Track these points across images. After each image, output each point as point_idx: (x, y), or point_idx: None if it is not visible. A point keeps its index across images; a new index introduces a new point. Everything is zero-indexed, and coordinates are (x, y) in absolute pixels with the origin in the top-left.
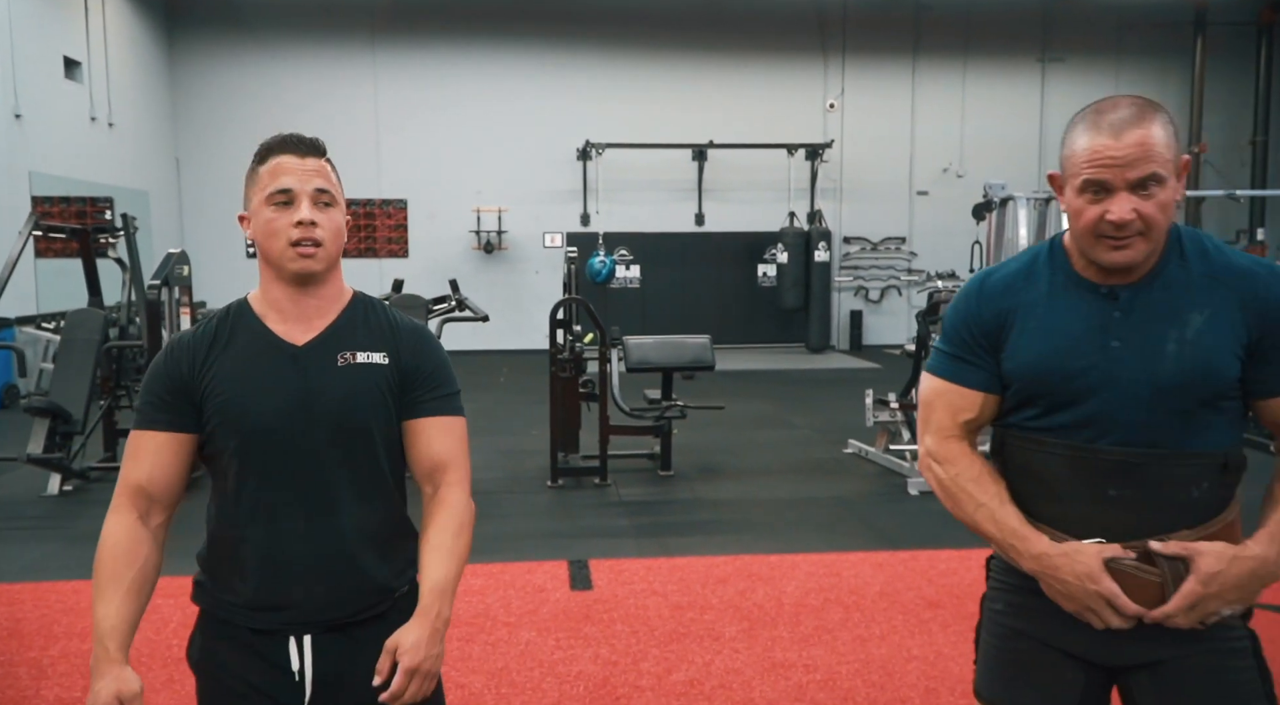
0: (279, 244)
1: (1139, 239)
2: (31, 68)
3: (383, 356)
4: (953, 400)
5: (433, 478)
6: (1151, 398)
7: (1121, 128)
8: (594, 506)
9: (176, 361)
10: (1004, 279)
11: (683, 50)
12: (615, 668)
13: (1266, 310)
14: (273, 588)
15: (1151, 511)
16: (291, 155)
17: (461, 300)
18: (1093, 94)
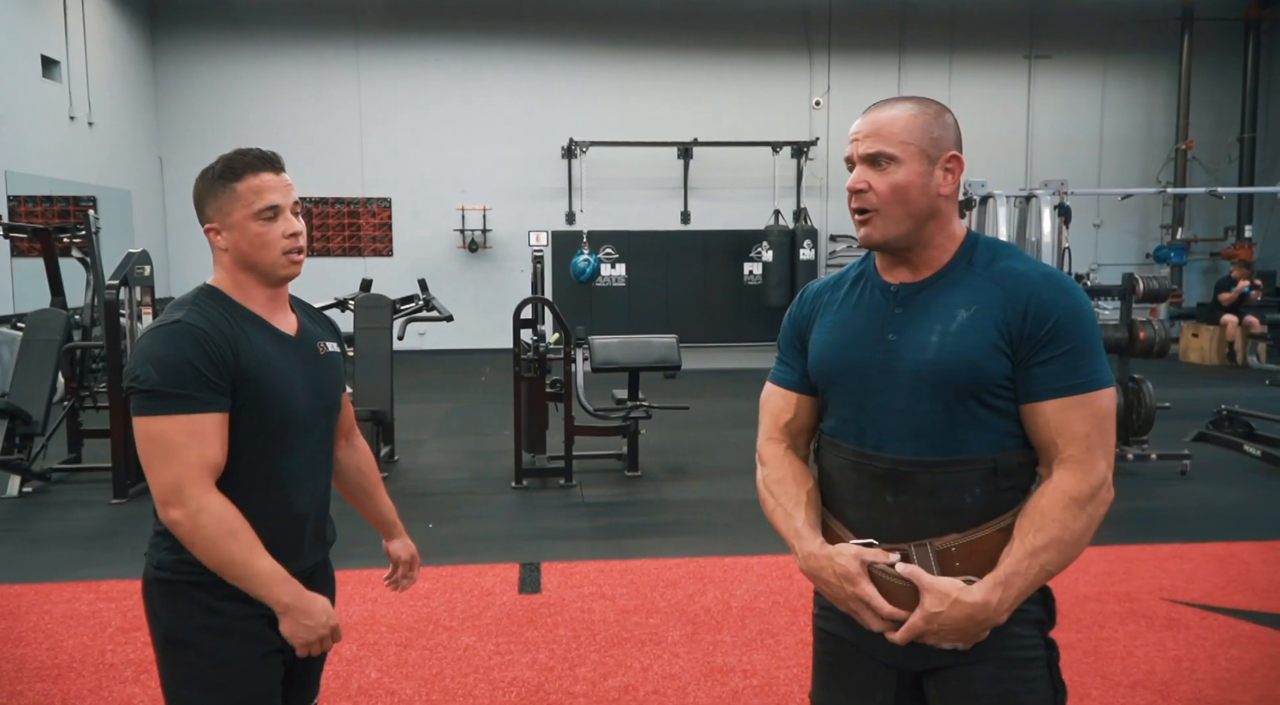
0: (272, 254)
1: (876, 216)
2: (7, 66)
3: (336, 346)
4: (775, 402)
5: (348, 435)
6: (915, 387)
7: (872, 110)
8: (556, 508)
9: (218, 347)
10: (821, 285)
11: (668, 48)
12: (551, 673)
13: (1028, 311)
14: (281, 543)
15: (926, 516)
16: (268, 172)
17: (428, 300)
18: (1080, 91)
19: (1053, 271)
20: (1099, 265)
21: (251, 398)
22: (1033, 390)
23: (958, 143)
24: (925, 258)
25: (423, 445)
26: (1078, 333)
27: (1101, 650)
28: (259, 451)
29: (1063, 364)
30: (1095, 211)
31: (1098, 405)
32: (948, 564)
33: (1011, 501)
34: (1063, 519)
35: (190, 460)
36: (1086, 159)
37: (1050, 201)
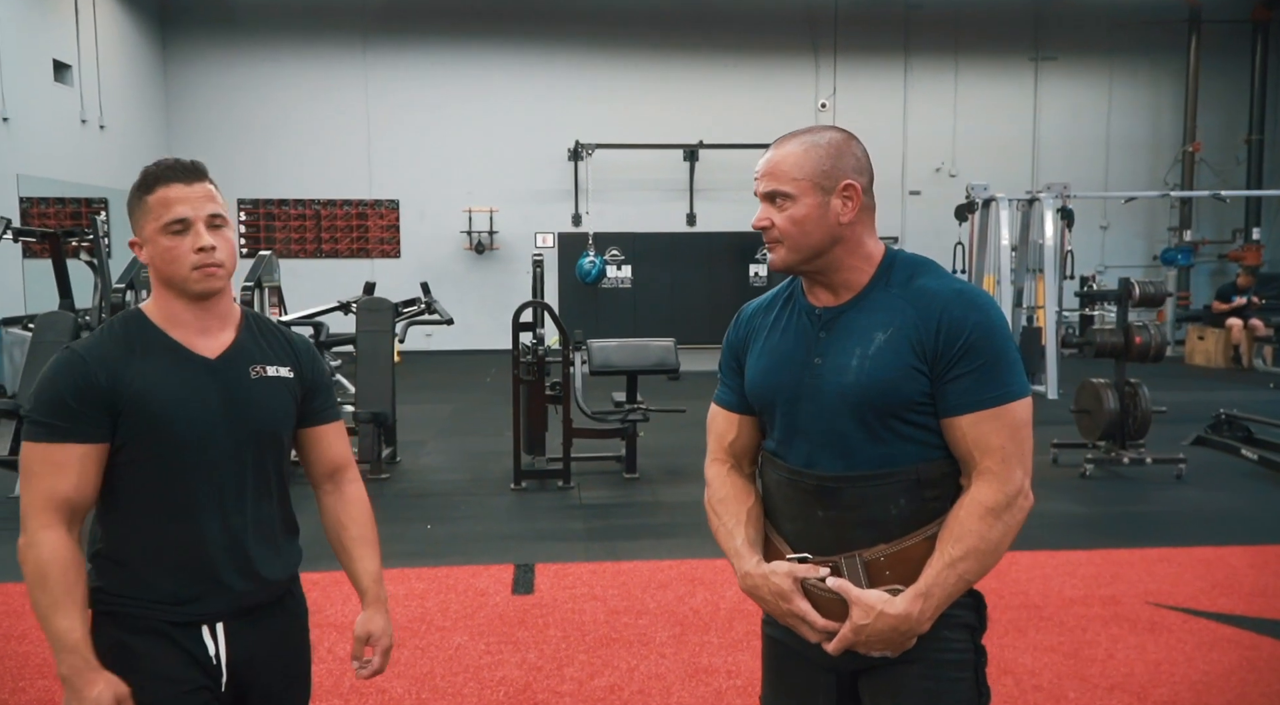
0: (181, 269)
1: (779, 246)
2: (19, 71)
3: (288, 370)
4: (719, 424)
5: (334, 476)
6: (838, 407)
7: (770, 148)
8: (553, 509)
9: (91, 373)
10: (755, 306)
11: (674, 50)
12: (539, 673)
13: (940, 329)
14: (194, 581)
15: (855, 528)
16: (179, 183)
17: (430, 303)
18: (1086, 93)
19: (965, 288)
20: (1105, 268)
21: (137, 426)
22: (949, 406)
23: (858, 170)
24: (841, 280)
25: (425, 446)
26: (989, 347)
27: (1082, 653)
28: (158, 482)
29: (976, 379)
30: (1102, 214)
31: (1011, 417)
32: (878, 573)
33: (937, 511)
34: (979, 529)
35: (39, 490)
36: (1093, 161)
37: (1053, 204)
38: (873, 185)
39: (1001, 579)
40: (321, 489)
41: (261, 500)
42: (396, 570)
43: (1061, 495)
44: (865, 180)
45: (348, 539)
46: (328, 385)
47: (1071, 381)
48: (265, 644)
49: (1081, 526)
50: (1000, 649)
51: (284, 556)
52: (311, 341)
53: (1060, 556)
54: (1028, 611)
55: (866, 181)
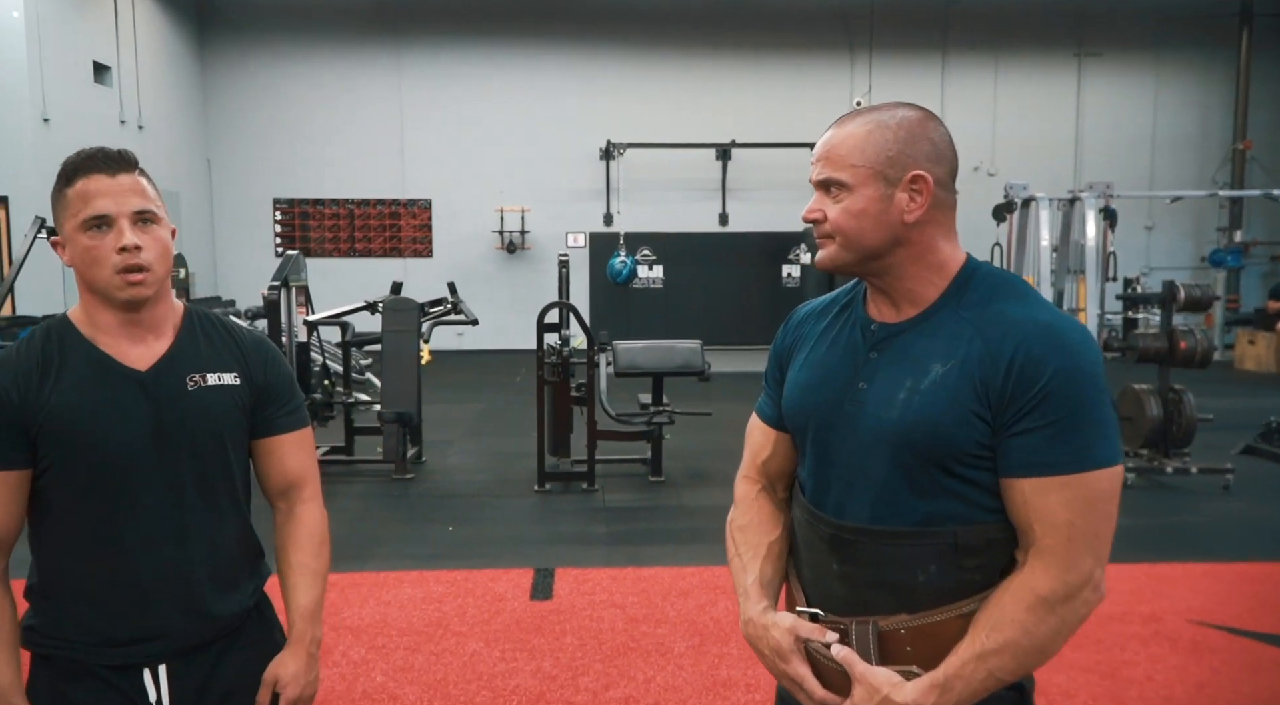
0: (103, 272)
1: (830, 242)
2: (60, 72)
3: (234, 376)
4: (756, 438)
5: (287, 495)
6: (874, 446)
7: (831, 127)
8: (576, 512)
9: (2, 391)
10: (809, 309)
11: (706, 49)
12: (553, 682)
13: (1012, 369)
14: (128, 621)
15: (872, 590)
16: (101, 174)
17: (456, 303)
18: (1131, 90)
19: (1056, 320)
20: (1150, 269)
21: (56, 449)
22: (1010, 465)
23: (934, 157)
24: (904, 292)
25: (451, 446)
26: (1072, 398)
27: (1120, 674)
28: (84, 510)
29: (1049, 436)
30: (1147, 214)
31: (1089, 489)
32: (894, 648)
33: (978, 584)
34: (1025, 621)
35: None
36: (1138, 160)
37: (1095, 204)
38: (955, 177)
39: None
40: (275, 507)
41: (209, 527)
42: (415, 573)
43: None
44: (942, 171)
45: (285, 566)
46: (286, 390)
47: (1113, 387)
48: (222, 680)
49: (1121, 539)
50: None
51: (240, 588)
52: (267, 340)
53: None
54: None
55: (944, 172)
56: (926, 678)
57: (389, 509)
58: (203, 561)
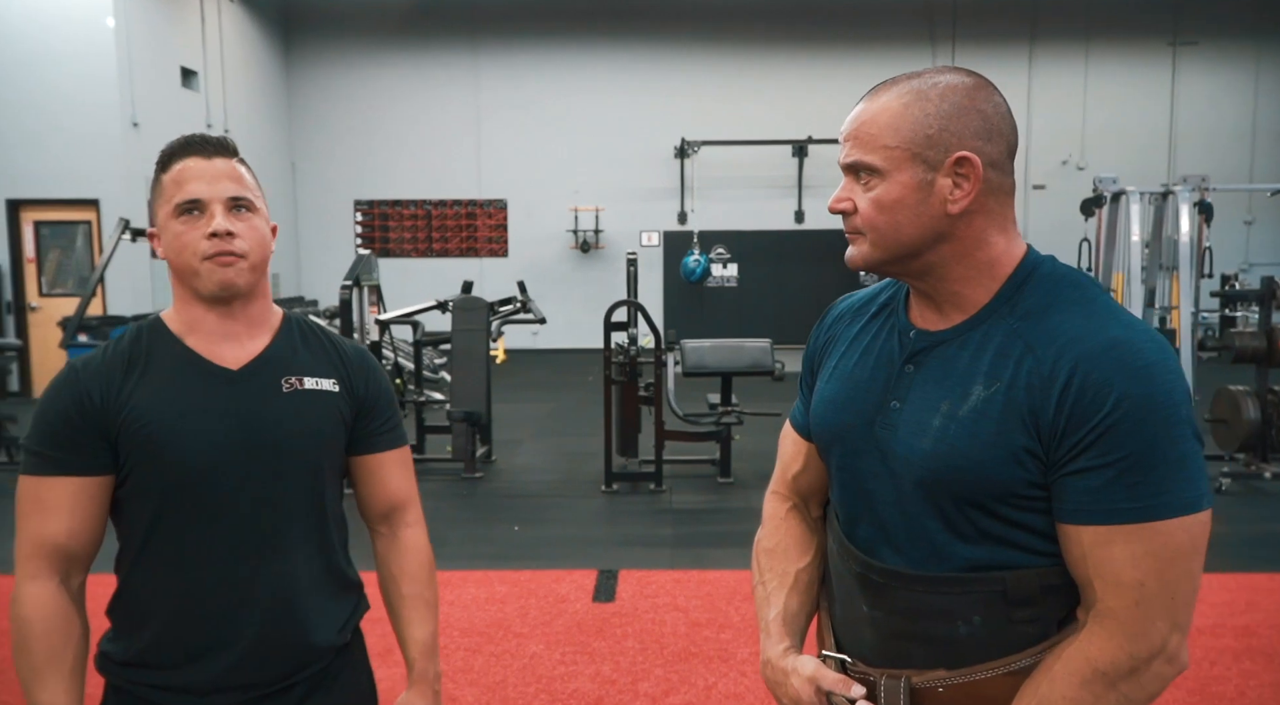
0: (192, 260)
1: (861, 238)
2: (148, 77)
3: (332, 383)
4: (787, 448)
5: (390, 518)
6: (904, 480)
7: (861, 100)
8: (642, 513)
9: (83, 391)
10: (845, 307)
11: (782, 44)
12: (613, 686)
13: (1067, 394)
14: (202, 652)
15: (905, 641)
16: (196, 157)
17: (525, 302)
18: (1230, 79)
19: (1128, 335)
20: (1249, 265)
21: (136, 453)
22: (1065, 509)
23: (984, 134)
24: (948, 295)
25: (521, 446)
26: (1143, 433)
27: (1210, 690)
28: (163, 522)
29: (1111, 476)
30: (1246, 208)
31: (1163, 541)
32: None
33: (1031, 636)
34: (1078, 699)
35: (26, 533)
36: (1237, 152)
37: (1189, 198)
38: (1012, 157)
39: None
40: (375, 532)
41: (308, 548)
42: (479, 572)
43: None
44: (996, 150)
45: (397, 597)
46: (387, 405)
47: (1208, 388)
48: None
49: (1213, 547)
50: None
51: (333, 619)
52: (368, 351)
53: None
54: None
55: (998, 152)
56: None
57: (456, 508)
58: (292, 585)
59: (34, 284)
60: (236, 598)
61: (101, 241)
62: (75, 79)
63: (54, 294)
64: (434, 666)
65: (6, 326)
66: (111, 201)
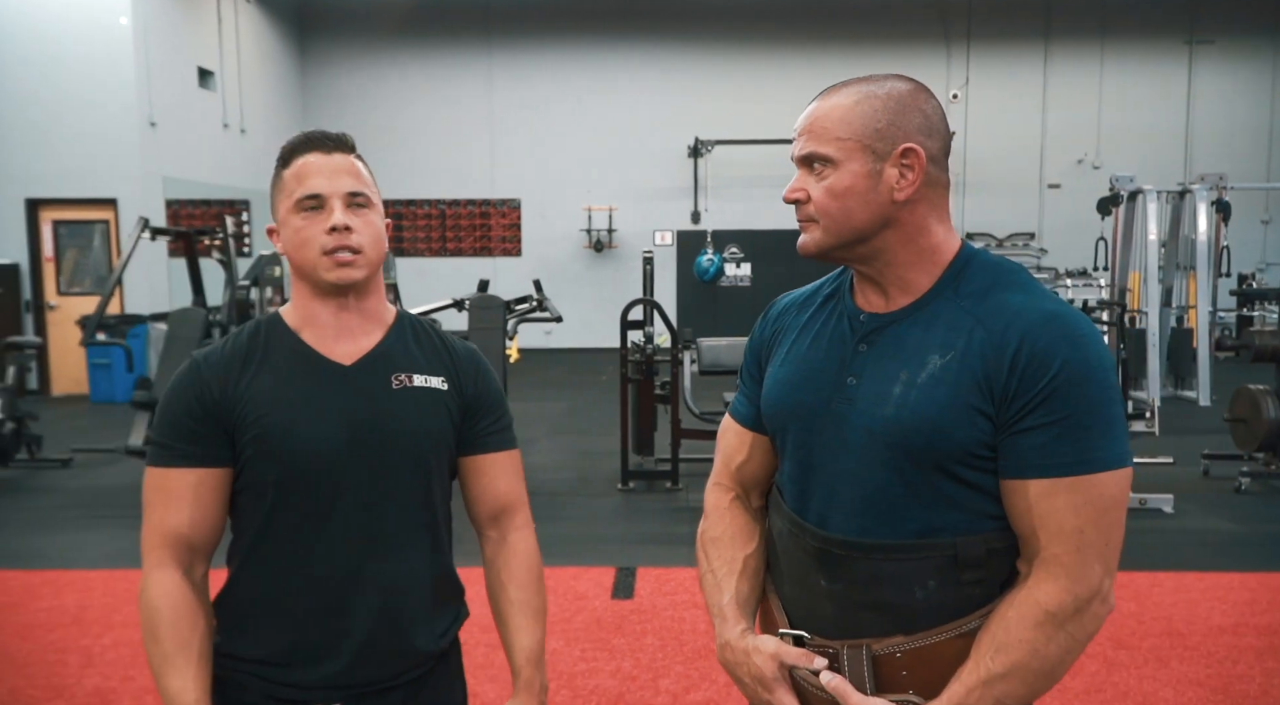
0: (311, 254)
1: (813, 225)
2: (166, 77)
3: (441, 381)
4: (729, 440)
5: (499, 521)
6: (867, 448)
7: (814, 100)
8: (659, 511)
9: (203, 383)
10: (789, 301)
11: (795, 44)
12: (634, 683)
13: (1017, 361)
14: (306, 647)
15: (864, 611)
16: (316, 153)
17: (541, 301)
18: (1247, 78)
19: (1063, 310)
20: (1267, 265)
21: (250, 442)
22: (1015, 465)
23: (926, 130)
24: (894, 279)
25: (536, 444)
26: (1083, 395)
27: (1233, 689)
28: (275, 515)
29: (1056, 434)
30: (1263, 207)
31: (1098, 492)
32: (890, 674)
33: (978, 598)
34: (1033, 640)
35: (152, 523)
36: (1253, 151)
37: (1207, 197)
38: (947, 155)
39: (1142, 602)
40: (483, 535)
41: (415, 548)
42: None
43: (1212, 511)
44: (935, 145)
45: (505, 603)
46: (498, 405)
47: (1225, 387)
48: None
49: (1234, 546)
50: (1140, 680)
51: (436, 624)
52: (479, 351)
53: (1209, 579)
54: (1170, 640)
55: (937, 147)
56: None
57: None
58: (400, 584)
59: (52, 283)
60: (347, 596)
61: (119, 241)
62: (93, 79)
63: (71, 293)
64: (541, 676)
65: (25, 325)
66: (130, 201)
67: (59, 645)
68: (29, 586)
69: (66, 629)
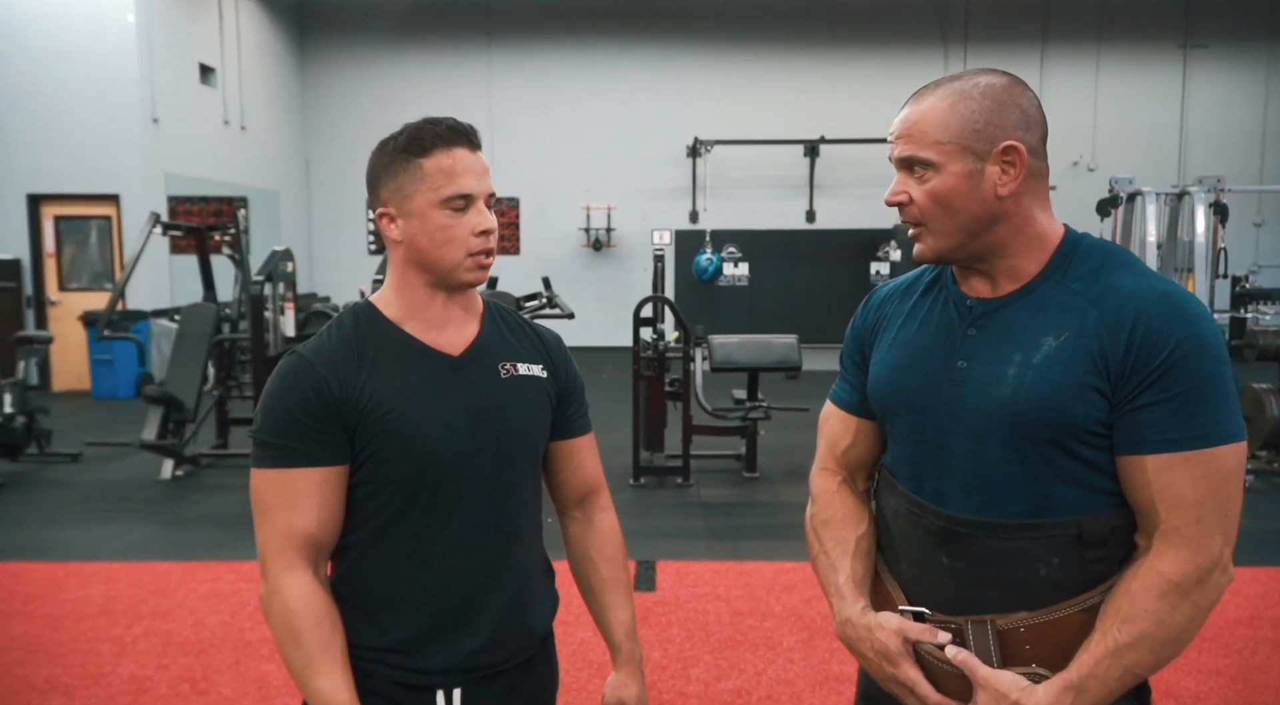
0: (455, 254)
1: (924, 232)
2: (168, 74)
3: (540, 368)
4: (833, 426)
5: (584, 502)
6: (984, 430)
7: (908, 103)
8: (672, 507)
9: (322, 381)
10: (890, 289)
11: (794, 44)
12: (664, 672)
13: (1133, 341)
14: (435, 634)
15: (987, 587)
16: (465, 150)
17: (551, 298)
18: (1240, 82)
19: (1173, 290)
20: (1260, 267)
21: (374, 438)
22: (1133, 440)
23: (1024, 125)
24: (1003, 268)
25: None
26: (1197, 371)
27: (1252, 678)
28: (402, 509)
29: (1173, 410)
30: (1256, 210)
31: (1216, 465)
32: (1014, 648)
33: (1100, 574)
34: (1158, 610)
35: (276, 527)
36: (1247, 154)
37: (1205, 199)
38: (1045, 143)
39: None
40: (569, 517)
41: (531, 532)
42: None
43: None
44: (1034, 139)
45: (598, 581)
46: (581, 390)
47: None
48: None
49: (1243, 542)
50: (1164, 671)
51: (549, 602)
52: (562, 338)
53: None
54: None
55: (1036, 140)
56: (1058, 679)
57: None
58: (522, 573)
59: (54, 278)
60: (477, 584)
61: (122, 237)
62: (96, 75)
63: (72, 289)
64: (639, 648)
65: (27, 321)
66: (132, 197)
67: (89, 635)
68: (53, 578)
69: (95, 619)
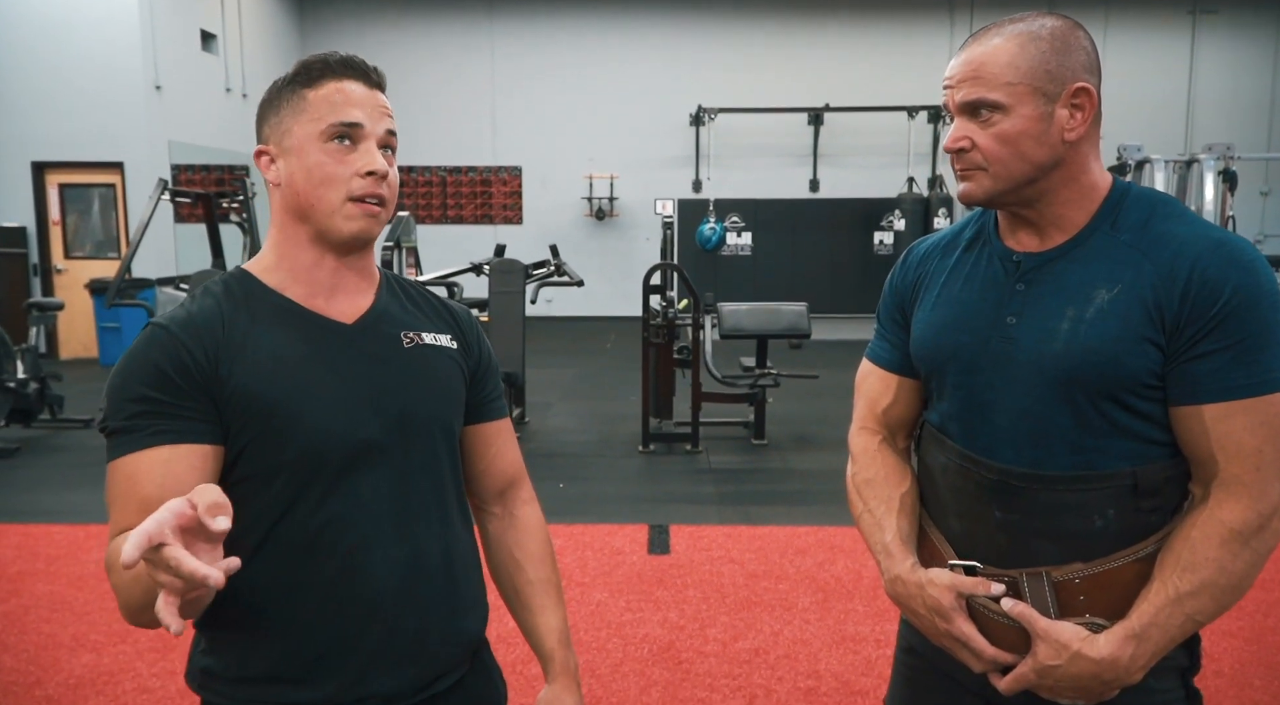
0: (334, 195)
1: (980, 173)
2: (170, 41)
3: (449, 340)
4: (872, 384)
5: (504, 496)
6: (1037, 384)
7: (968, 45)
8: (682, 473)
9: (183, 349)
10: (929, 245)
11: (798, 12)
12: (682, 632)
13: (1189, 290)
14: (338, 652)
15: (1041, 540)
16: (357, 82)
17: (560, 265)
18: (1250, 48)
19: (1227, 237)
20: (1266, 236)
21: (253, 418)
22: (1189, 390)
23: (1090, 68)
24: (1052, 218)
25: (551, 408)
26: (1254, 318)
27: (1266, 639)
28: (291, 499)
29: (1231, 358)
30: (1263, 178)
31: (1274, 411)
32: (1069, 599)
33: (1154, 525)
34: (1219, 558)
35: (116, 526)
36: (1255, 121)
37: (1214, 167)
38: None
39: None
40: (488, 513)
41: (450, 524)
42: None
43: None
44: (1098, 82)
45: (523, 582)
46: (496, 371)
47: None
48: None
49: None
50: None
51: (480, 605)
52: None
53: None
54: None
55: (1098, 85)
56: (1119, 628)
57: None
58: (441, 572)
59: (59, 246)
60: (380, 586)
61: (127, 204)
62: (99, 42)
63: (75, 256)
64: (573, 656)
65: (34, 288)
66: (136, 164)
67: (112, 595)
68: (75, 539)
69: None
